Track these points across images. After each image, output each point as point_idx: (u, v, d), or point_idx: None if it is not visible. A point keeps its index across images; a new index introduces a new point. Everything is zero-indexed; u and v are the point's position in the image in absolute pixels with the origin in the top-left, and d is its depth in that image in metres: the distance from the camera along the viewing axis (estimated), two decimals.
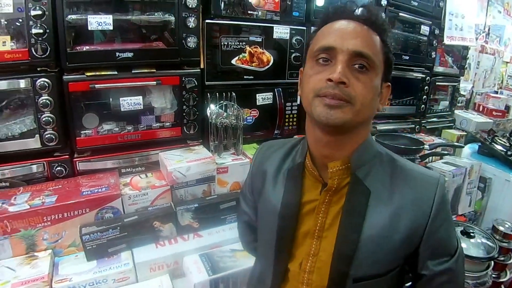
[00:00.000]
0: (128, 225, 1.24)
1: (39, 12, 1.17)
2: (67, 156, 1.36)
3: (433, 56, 2.40)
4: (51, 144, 1.30)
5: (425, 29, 2.28)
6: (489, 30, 3.42)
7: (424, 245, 0.78)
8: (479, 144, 2.52)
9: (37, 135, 1.28)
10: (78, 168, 1.38)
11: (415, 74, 2.31)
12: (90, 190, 1.25)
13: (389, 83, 0.82)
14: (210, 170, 1.41)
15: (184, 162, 1.37)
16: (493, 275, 1.75)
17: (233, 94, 1.53)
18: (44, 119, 1.26)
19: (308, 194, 0.84)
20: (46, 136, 1.29)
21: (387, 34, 0.78)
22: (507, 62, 3.75)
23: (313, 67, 0.76)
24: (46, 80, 1.24)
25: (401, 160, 0.84)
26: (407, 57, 2.23)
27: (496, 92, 3.45)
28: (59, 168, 1.35)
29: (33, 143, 1.29)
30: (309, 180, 0.85)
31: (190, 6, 1.37)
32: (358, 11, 0.76)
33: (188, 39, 1.40)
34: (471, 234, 1.71)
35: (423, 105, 2.43)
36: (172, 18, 1.38)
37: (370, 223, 0.76)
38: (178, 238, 1.35)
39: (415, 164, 0.86)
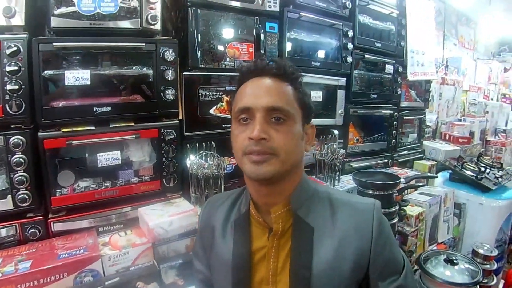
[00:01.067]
0: None
1: (15, 68, 1.15)
2: (41, 217, 1.29)
3: (399, 92, 2.52)
4: (24, 204, 1.24)
5: (389, 68, 2.41)
6: (447, 62, 3.66)
7: (372, 267, 0.82)
8: (450, 171, 2.62)
9: (9, 196, 1.22)
10: (53, 229, 1.31)
11: (384, 111, 2.42)
12: (67, 253, 1.18)
13: (312, 124, 0.89)
14: (193, 223, 1.37)
15: (165, 216, 1.34)
16: None
17: (213, 143, 1.53)
18: (17, 178, 1.21)
19: (257, 241, 0.88)
20: (19, 196, 1.23)
21: (298, 81, 0.86)
22: (466, 91, 4.00)
23: (237, 127, 0.83)
24: (20, 137, 1.20)
25: (336, 193, 0.91)
26: (374, 96, 2.34)
27: (460, 120, 3.64)
28: (32, 230, 1.27)
29: (5, 205, 1.22)
30: (256, 228, 0.89)
31: (168, 59, 1.39)
32: (267, 67, 0.83)
33: (167, 91, 1.41)
34: (454, 261, 1.74)
35: (393, 140, 2.52)
36: (150, 72, 1.39)
37: (319, 258, 0.81)
38: None
39: (349, 194, 0.95)
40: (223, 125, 1.60)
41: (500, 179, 2.45)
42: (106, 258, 1.23)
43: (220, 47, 1.58)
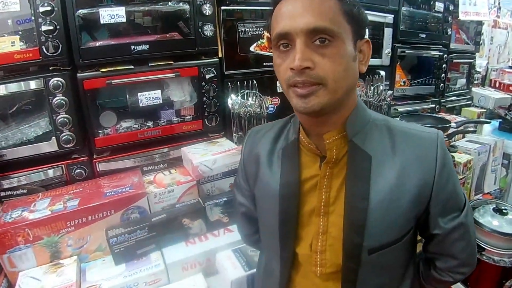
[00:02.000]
0: (156, 224, 1.19)
1: (48, 8, 1.11)
2: (86, 158, 1.31)
3: (449, 32, 2.33)
4: (68, 146, 1.25)
5: (439, 6, 2.22)
6: (499, 4, 3.34)
7: (434, 201, 0.77)
8: (500, 120, 2.47)
9: (54, 138, 1.23)
10: (98, 169, 1.33)
11: (433, 52, 2.25)
12: (113, 191, 1.20)
13: (367, 39, 0.76)
14: (237, 162, 1.33)
15: (209, 155, 1.32)
16: None
17: (254, 82, 1.47)
18: (60, 120, 1.21)
19: (307, 170, 0.81)
20: (63, 138, 1.24)
21: None
22: None
23: (278, 55, 0.72)
24: (60, 79, 1.18)
25: (397, 122, 0.83)
26: (423, 35, 2.17)
27: (511, 67, 3.37)
28: (78, 170, 1.30)
29: (50, 146, 1.24)
30: (306, 156, 0.82)
31: None
32: None
33: (205, 28, 1.34)
34: (504, 211, 1.67)
35: (442, 84, 2.36)
36: (187, 7, 1.32)
37: (377, 188, 0.74)
38: (208, 234, 1.30)
39: (411, 123, 0.84)
40: (264, 63, 1.52)
41: None
42: (152, 196, 1.25)
43: None
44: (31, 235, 1.08)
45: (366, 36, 0.77)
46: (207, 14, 1.34)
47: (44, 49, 1.14)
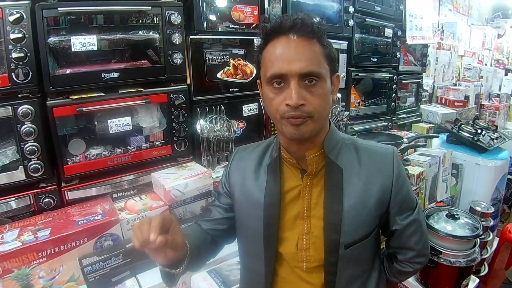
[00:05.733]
0: (131, 250, 1.19)
1: (19, 35, 1.12)
2: (54, 186, 1.30)
3: (398, 56, 2.54)
4: (37, 174, 1.24)
5: (388, 32, 2.41)
6: (442, 27, 3.65)
7: (393, 202, 0.94)
8: (447, 134, 2.66)
9: (21, 166, 1.21)
10: (67, 198, 1.32)
11: (383, 75, 2.44)
12: (85, 219, 1.20)
13: (337, 74, 0.93)
14: (207, 185, 1.40)
15: (180, 179, 1.36)
16: None
17: (222, 107, 1.53)
18: (28, 148, 1.20)
19: (289, 182, 0.95)
20: (31, 166, 1.22)
21: (324, 34, 0.86)
22: (461, 56, 4.03)
23: (271, 90, 0.85)
24: (29, 106, 1.18)
25: (360, 141, 1.00)
26: (375, 59, 2.35)
27: (455, 84, 3.67)
28: (47, 199, 1.27)
29: (17, 175, 1.22)
30: (288, 170, 0.96)
31: (174, 23, 1.37)
32: (294, 26, 0.82)
33: (174, 56, 1.40)
34: (456, 216, 1.81)
35: (393, 103, 2.56)
36: (157, 36, 1.37)
37: (349, 194, 0.90)
38: None
39: (371, 141, 1.02)
40: (231, 89, 1.60)
41: (495, 141, 2.50)
42: (124, 222, 1.25)
43: (225, 10, 1.55)
44: (1, 268, 1.05)
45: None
46: (176, 43, 1.40)
47: (14, 76, 1.14)
